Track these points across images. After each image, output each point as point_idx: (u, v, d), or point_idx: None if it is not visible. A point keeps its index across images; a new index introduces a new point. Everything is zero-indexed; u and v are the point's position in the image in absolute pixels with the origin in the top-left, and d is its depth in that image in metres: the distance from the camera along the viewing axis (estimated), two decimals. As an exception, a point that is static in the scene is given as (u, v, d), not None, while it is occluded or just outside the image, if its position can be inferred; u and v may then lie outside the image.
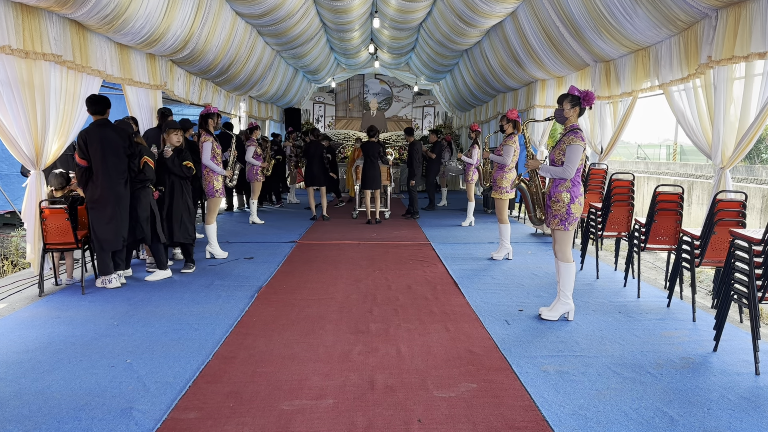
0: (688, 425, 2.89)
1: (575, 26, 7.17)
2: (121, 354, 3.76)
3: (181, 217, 5.91)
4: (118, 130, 5.29)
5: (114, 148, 5.18)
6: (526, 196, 4.97)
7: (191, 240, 6.07)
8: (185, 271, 6.08)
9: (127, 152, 5.28)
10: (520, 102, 11.14)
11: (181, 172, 5.82)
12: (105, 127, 5.21)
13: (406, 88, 19.93)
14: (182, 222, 5.93)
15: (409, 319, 4.55)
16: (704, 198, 12.51)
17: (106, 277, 5.37)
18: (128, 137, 5.32)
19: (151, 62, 7.46)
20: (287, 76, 14.27)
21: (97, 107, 5.23)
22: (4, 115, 4.97)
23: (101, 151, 5.14)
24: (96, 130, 5.17)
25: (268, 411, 2.99)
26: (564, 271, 4.47)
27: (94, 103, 5.23)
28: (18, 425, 2.82)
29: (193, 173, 5.96)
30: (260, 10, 8.77)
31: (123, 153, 5.25)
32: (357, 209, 10.69)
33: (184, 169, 5.83)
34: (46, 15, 5.19)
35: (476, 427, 2.85)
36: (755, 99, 4.91)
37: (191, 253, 6.17)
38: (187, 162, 5.86)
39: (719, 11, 5.09)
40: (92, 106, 5.23)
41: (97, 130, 5.17)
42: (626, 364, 3.66)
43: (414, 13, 10.94)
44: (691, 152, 28.12)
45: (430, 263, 6.64)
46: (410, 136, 10.66)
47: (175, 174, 5.83)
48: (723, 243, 4.43)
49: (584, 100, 4.40)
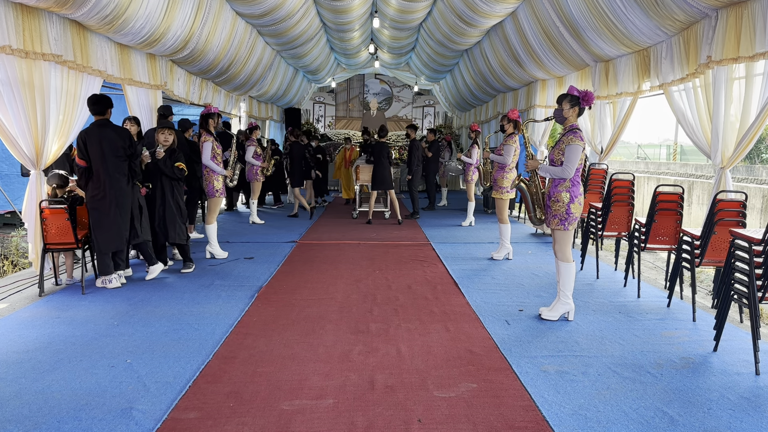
0: (688, 425, 2.89)
1: (575, 26, 7.17)
2: (121, 354, 3.76)
3: (175, 218, 5.90)
4: (119, 130, 5.28)
5: (114, 149, 5.17)
6: (525, 196, 4.97)
7: (185, 240, 6.05)
8: (185, 270, 6.08)
9: (127, 152, 5.27)
10: (520, 102, 11.14)
11: (172, 174, 5.76)
12: (105, 127, 5.20)
13: (406, 88, 19.93)
14: (177, 223, 5.92)
15: (409, 319, 4.55)
16: (704, 198, 12.51)
17: (107, 277, 5.37)
18: (128, 137, 5.31)
19: (152, 62, 7.46)
20: (287, 76, 14.27)
21: (97, 107, 5.22)
22: (5, 115, 4.98)
23: (101, 151, 5.13)
24: (96, 130, 5.17)
25: (268, 411, 2.99)
26: (564, 271, 4.47)
27: (94, 102, 5.22)
28: (18, 425, 2.82)
29: (184, 174, 5.91)
30: (260, 10, 8.77)
31: (123, 153, 5.24)
32: (357, 209, 10.69)
33: (175, 170, 5.77)
34: (46, 15, 5.19)
35: (476, 427, 2.85)
36: (755, 99, 4.91)
37: (188, 252, 6.17)
38: (179, 163, 5.80)
39: (719, 11, 5.08)
40: (93, 106, 5.23)
41: (97, 130, 5.16)
42: (626, 364, 3.66)
43: (414, 13, 10.94)
44: (691, 152, 28.11)
45: (430, 263, 6.64)
46: (413, 132, 10.72)
47: (166, 175, 5.80)
48: (723, 243, 4.43)
49: (583, 100, 4.40)
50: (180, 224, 5.97)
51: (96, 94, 5.33)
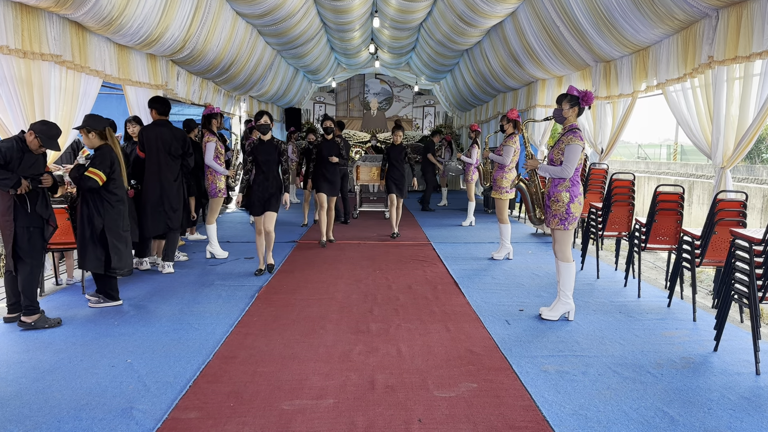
0: (689, 425, 2.89)
1: (576, 26, 7.17)
2: (121, 354, 3.76)
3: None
4: (175, 130, 5.90)
5: (167, 146, 5.78)
6: (525, 196, 4.97)
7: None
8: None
9: (179, 152, 5.87)
10: (521, 102, 11.14)
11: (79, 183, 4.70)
12: (163, 127, 5.84)
13: (406, 87, 19.93)
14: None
15: (409, 318, 4.55)
16: (705, 198, 12.51)
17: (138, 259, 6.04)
18: (183, 138, 5.93)
19: (152, 62, 7.46)
20: (288, 76, 14.27)
21: (160, 107, 5.87)
22: (4, 114, 4.97)
23: (156, 147, 5.73)
24: (154, 128, 5.82)
25: (268, 411, 2.99)
26: (564, 271, 4.47)
27: (158, 103, 5.89)
28: (18, 425, 2.82)
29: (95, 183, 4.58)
30: (261, 9, 8.77)
31: (176, 152, 5.82)
32: (357, 209, 10.68)
33: (83, 180, 4.62)
34: (45, 15, 5.19)
35: (476, 426, 2.85)
36: (754, 99, 4.91)
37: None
38: (91, 170, 4.58)
39: (719, 11, 5.08)
40: (158, 106, 5.87)
41: (156, 129, 5.80)
42: (627, 364, 3.66)
43: (414, 13, 10.94)
44: (691, 152, 28.07)
45: (430, 263, 6.64)
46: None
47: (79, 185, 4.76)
48: (723, 243, 4.42)
49: (583, 100, 4.40)
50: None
51: (158, 96, 6.12)
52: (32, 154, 4.22)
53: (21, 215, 4.14)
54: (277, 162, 5.89)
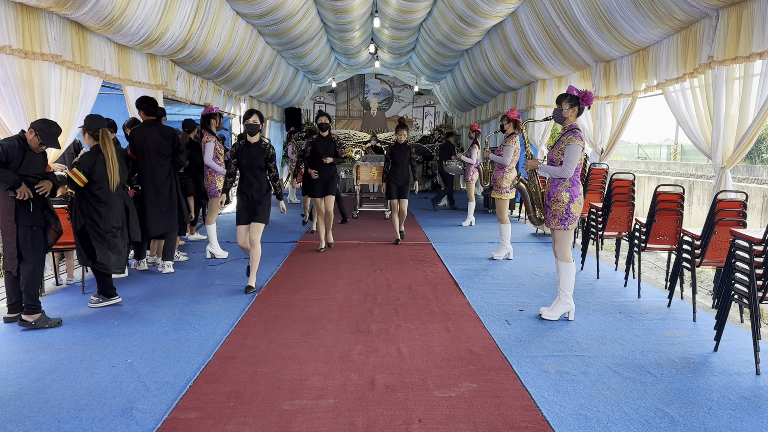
0: (689, 425, 2.89)
1: (575, 26, 7.17)
2: (121, 354, 3.76)
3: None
4: (164, 129, 5.80)
5: (157, 146, 5.71)
6: (525, 196, 4.97)
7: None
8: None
9: (169, 150, 5.79)
10: (521, 102, 11.14)
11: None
12: (152, 127, 5.75)
13: (406, 88, 19.92)
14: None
15: (409, 318, 4.55)
16: (705, 198, 12.51)
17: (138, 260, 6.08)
18: (173, 137, 5.83)
19: (152, 62, 7.46)
20: (288, 76, 14.27)
21: (147, 107, 5.78)
22: (5, 114, 4.97)
23: (147, 148, 5.67)
24: (143, 128, 5.74)
25: (268, 411, 2.99)
26: (564, 271, 4.47)
27: (144, 102, 5.81)
28: (18, 425, 2.82)
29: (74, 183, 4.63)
30: (261, 10, 8.77)
31: (166, 151, 5.74)
32: (357, 209, 10.68)
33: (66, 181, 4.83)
34: (46, 15, 5.19)
35: (477, 426, 2.85)
36: (754, 99, 4.92)
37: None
38: (73, 171, 4.63)
39: (719, 11, 5.08)
40: (144, 105, 5.79)
41: (145, 129, 5.72)
42: (627, 364, 3.66)
43: (414, 13, 10.93)
44: (691, 152, 28.06)
45: (430, 263, 6.64)
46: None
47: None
48: (723, 243, 4.42)
49: (583, 100, 4.40)
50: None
51: (146, 96, 5.93)
52: (33, 153, 4.24)
53: (23, 215, 4.17)
54: (263, 168, 5.30)
